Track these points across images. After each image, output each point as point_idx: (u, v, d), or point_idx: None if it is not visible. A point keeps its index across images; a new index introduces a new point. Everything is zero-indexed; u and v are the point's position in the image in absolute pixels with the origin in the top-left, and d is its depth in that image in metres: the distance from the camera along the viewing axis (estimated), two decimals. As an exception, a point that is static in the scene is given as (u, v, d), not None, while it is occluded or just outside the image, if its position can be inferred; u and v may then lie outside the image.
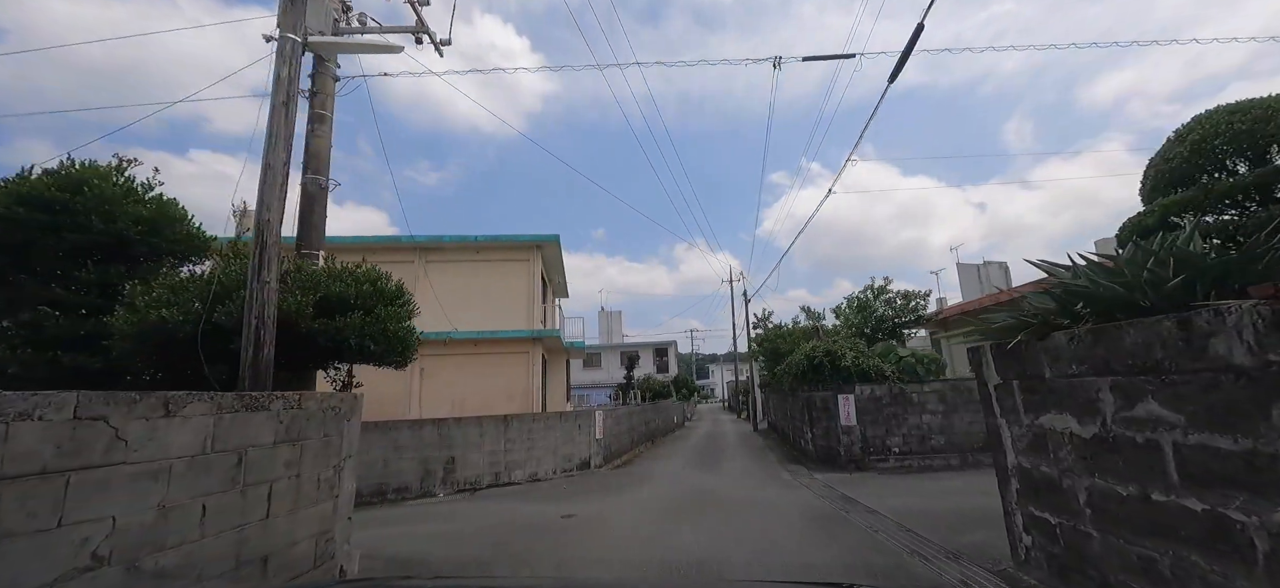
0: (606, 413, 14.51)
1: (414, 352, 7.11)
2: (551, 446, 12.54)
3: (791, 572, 5.51)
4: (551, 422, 12.69)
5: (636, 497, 9.80)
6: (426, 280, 18.49)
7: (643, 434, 19.00)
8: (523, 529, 7.81)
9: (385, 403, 17.62)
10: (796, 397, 14.94)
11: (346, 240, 18.25)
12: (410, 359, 7.09)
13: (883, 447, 12.03)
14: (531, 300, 18.51)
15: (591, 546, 6.65)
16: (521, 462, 12.06)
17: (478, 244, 18.57)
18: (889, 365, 12.17)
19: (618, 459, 14.89)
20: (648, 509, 8.61)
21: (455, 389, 17.79)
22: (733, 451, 17.33)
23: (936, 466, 11.85)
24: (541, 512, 8.91)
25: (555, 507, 9.16)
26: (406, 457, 11.13)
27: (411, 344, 6.92)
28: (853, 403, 12.11)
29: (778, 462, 14.24)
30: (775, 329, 18.08)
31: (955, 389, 12.26)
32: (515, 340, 17.97)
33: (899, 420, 12.11)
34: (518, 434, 12.10)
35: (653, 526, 7.46)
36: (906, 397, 12.14)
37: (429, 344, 18.62)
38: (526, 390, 17.88)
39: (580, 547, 6.62)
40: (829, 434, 12.48)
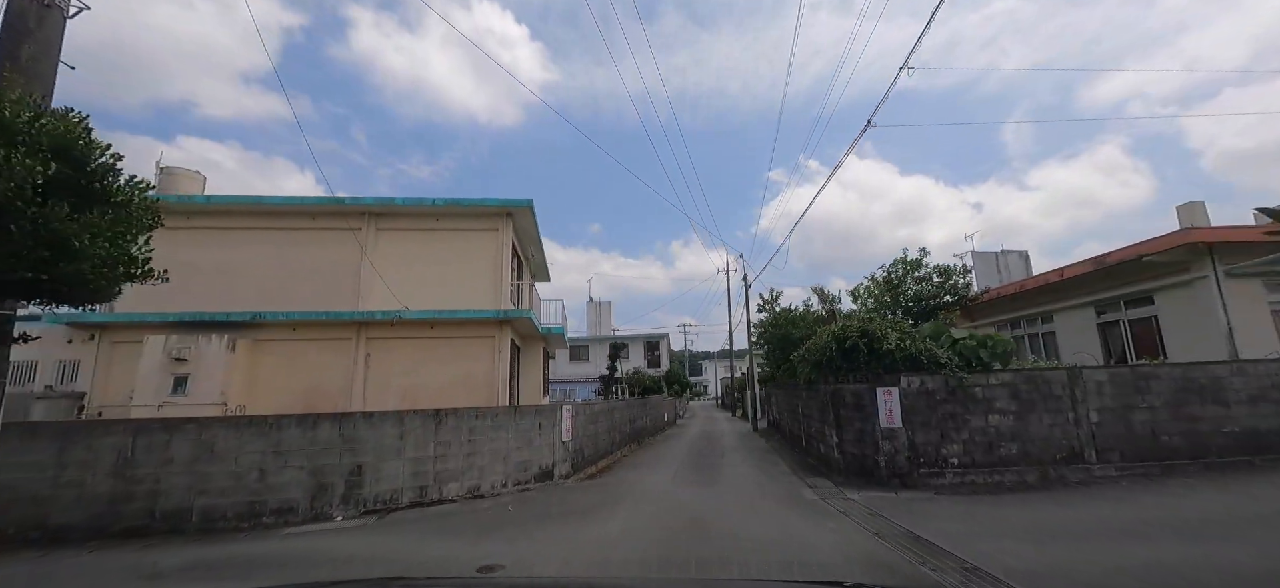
0: (578, 409, 11.23)
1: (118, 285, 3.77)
2: (501, 450, 9.25)
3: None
4: (501, 419, 9.40)
5: (603, 532, 6.52)
6: (376, 251, 15.21)
7: (627, 434, 15.73)
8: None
9: (318, 393, 14.31)
10: (814, 391, 11.71)
11: (269, 201, 14.93)
12: (112, 293, 3.73)
13: (936, 456, 8.81)
14: (500, 276, 15.23)
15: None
16: (458, 471, 8.76)
17: (437, 209, 15.27)
18: (943, 350, 8.97)
19: (592, 467, 11.61)
20: (611, 557, 5.35)
21: (407, 378, 14.51)
22: (733, 455, 14.08)
23: (1008, 483, 8.64)
24: (452, 555, 5.65)
25: (477, 547, 5.88)
26: (293, 465, 7.82)
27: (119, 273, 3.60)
28: (897, 399, 8.89)
29: (790, 471, 10.99)
30: (784, 313, 14.97)
31: (1031, 382, 9.04)
32: (479, 322, 14.69)
33: (958, 422, 8.89)
34: (454, 435, 8.80)
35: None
36: (968, 391, 8.92)
37: (376, 326, 15.26)
38: (491, 381, 14.61)
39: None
40: (863, 439, 9.25)
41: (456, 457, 8.75)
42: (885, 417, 8.92)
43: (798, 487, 9.36)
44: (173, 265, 14.50)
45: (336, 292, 14.80)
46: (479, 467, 8.94)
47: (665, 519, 7.19)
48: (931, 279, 12.43)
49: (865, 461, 9.21)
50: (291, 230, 15.06)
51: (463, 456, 8.81)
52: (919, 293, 12.05)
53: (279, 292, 14.69)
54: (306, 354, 14.47)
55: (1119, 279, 12.98)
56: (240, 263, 14.87)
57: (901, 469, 8.78)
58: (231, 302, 14.34)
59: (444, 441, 8.69)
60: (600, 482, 10.21)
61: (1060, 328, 14.99)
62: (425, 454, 8.52)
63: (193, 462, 7.57)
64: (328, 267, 14.89)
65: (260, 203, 14.81)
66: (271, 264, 14.93)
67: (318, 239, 15.02)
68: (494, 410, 9.40)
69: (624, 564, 5.11)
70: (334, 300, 14.67)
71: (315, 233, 15.08)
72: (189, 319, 13.81)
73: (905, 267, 12.85)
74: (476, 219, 15.59)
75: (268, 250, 14.99)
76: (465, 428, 8.92)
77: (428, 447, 8.55)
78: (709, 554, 5.40)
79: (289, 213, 14.97)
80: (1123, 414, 9.01)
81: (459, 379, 14.60)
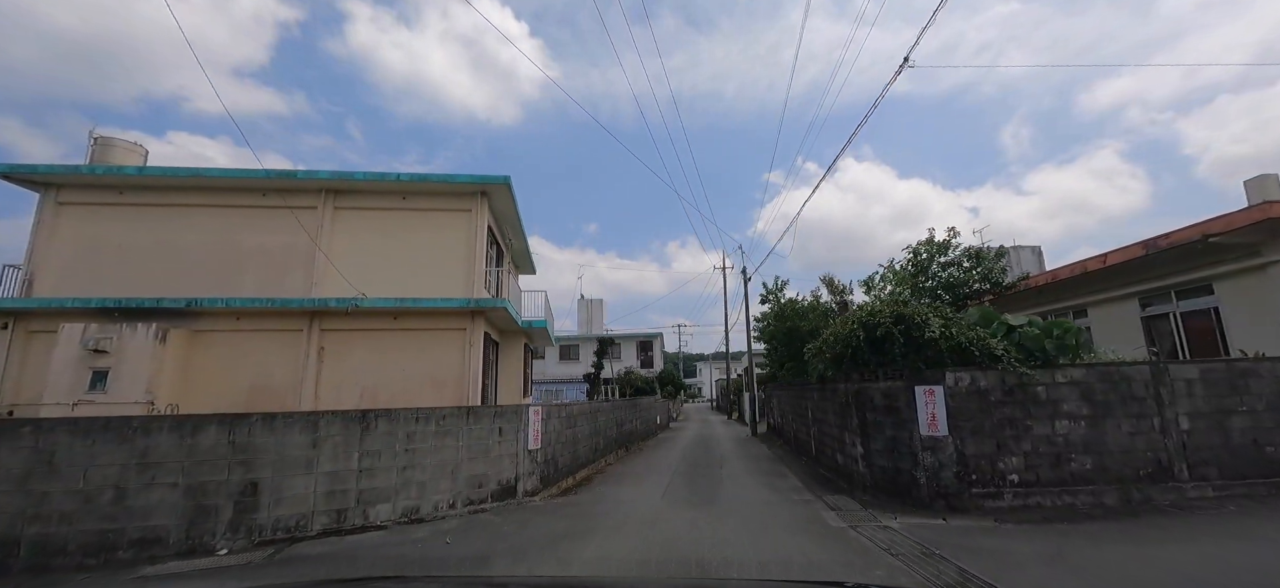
0: (551, 411, 9.22)
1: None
2: (448, 461, 7.23)
3: None
4: (450, 423, 7.36)
5: (563, 578, 4.53)
6: (335, 232, 13.21)
7: (613, 439, 13.73)
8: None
9: (263, 391, 12.25)
10: (829, 391, 9.77)
11: (212, 174, 12.90)
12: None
13: (992, 472, 6.85)
14: (473, 261, 13.25)
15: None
16: (391, 489, 6.75)
17: (403, 185, 13.27)
18: (998, 341, 7.06)
19: (567, 479, 9.60)
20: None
21: (367, 374, 12.48)
22: (733, 464, 12.10)
23: (1083, 507, 6.70)
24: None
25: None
26: (163, 482, 5.80)
27: None
28: (942, 400, 6.94)
29: (802, 486, 9.03)
30: (790, 304, 13.01)
31: (1106, 380, 7.10)
32: (448, 313, 12.70)
33: (1017, 430, 6.95)
34: (386, 443, 6.79)
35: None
36: (1029, 391, 6.98)
37: (332, 316, 13.13)
38: (461, 378, 12.60)
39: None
40: (896, 448, 7.29)
41: (388, 470, 6.74)
42: (926, 422, 6.97)
43: (815, 508, 7.38)
44: (102, 246, 12.16)
45: (288, 277, 12.79)
46: (418, 483, 6.93)
47: (651, 557, 5.21)
48: (960, 264, 10.54)
49: (899, 476, 7.25)
50: (238, 208, 13.04)
51: (397, 469, 6.80)
52: (949, 279, 10.15)
53: (223, 276, 12.68)
54: (251, 347, 12.42)
55: (1171, 266, 11.10)
56: (179, 244, 12.84)
57: (947, 488, 6.83)
58: (168, 287, 12.30)
59: (372, 450, 6.68)
60: (574, 500, 8.19)
61: (1096, 323, 13.10)
62: (346, 468, 6.50)
63: (26, 478, 5.54)
64: (278, 249, 12.87)
65: (201, 176, 12.78)
66: (215, 246, 12.91)
67: (267, 218, 12.98)
68: (440, 412, 7.38)
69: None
70: (285, 287, 12.66)
71: (265, 212, 13.03)
72: (115, 306, 11.75)
73: (932, 249, 10.93)
74: (448, 198, 13.60)
75: (211, 230, 12.96)
76: (402, 434, 6.90)
77: (350, 458, 6.54)
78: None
79: (235, 188, 12.95)
80: (1218, 420, 7.09)
81: (424, 375, 12.60)
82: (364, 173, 13.01)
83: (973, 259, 10.26)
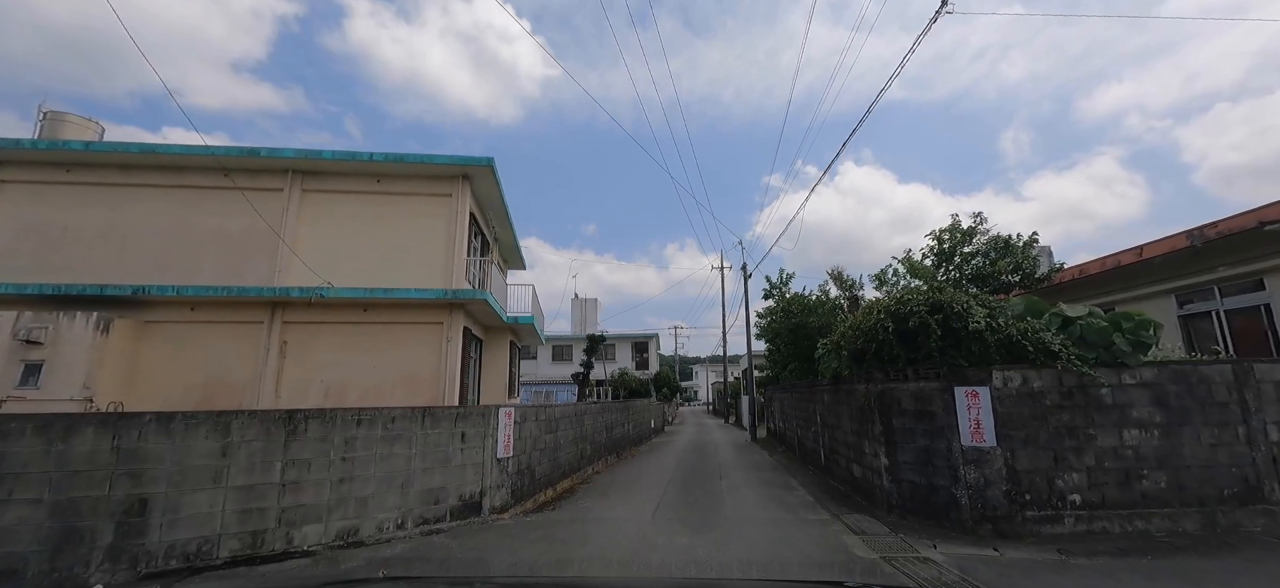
0: (527, 413, 7.92)
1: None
2: (397, 472, 5.93)
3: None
4: (400, 427, 6.06)
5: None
6: (302, 217, 11.93)
7: (601, 445, 12.42)
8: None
9: (219, 387, 10.93)
10: (844, 392, 8.51)
11: (168, 151, 11.59)
12: None
13: (1049, 492, 5.59)
14: (453, 250, 11.98)
15: None
16: (323, 506, 5.45)
17: (377, 165, 12.00)
18: (1052, 333, 5.82)
19: (545, 491, 8.29)
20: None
21: (333, 370, 11.19)
22: (733, 474, 10.81)
23: (1159, 533, 5.45)
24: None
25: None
26: (24, 497, 4.50)
27: None
28: (988, 403, 5.69)
29: (814, 502, 7.75)
30: (798, 299, 11.75)
31: (1180, 380, 5.85)
32: (424, 305, 11.43)
33: (1078, 440, 5.70)
34: (318, 450, 5.49)
35: None
36: (1092, 394, 5.74)
37: (296, 306, 11.80)
38: (437, 376, 11.32)
39: None
40: (930, 461, 6.03)
41: (320, 484, 5.44)
42: (969, 429, 5.71)
43: (833, 531, 6.10)
44: (46, 228, 10.66)
45: (250, 265, 11.49)
46: (359, 498, 5.63)
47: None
48: (987, 254, 9.29)
49: (934, 493, 5.98)
50: (197, 188, 11.74)
51: (332, 482, 5.50)
52: (977, 270, 8.89)
53: (179, 263, 11.38)
54: (206, 340, 11.11)
55: (1218, 258, 9.88)
56: (132, 227, 11.53)
57: (995, 510, 5.57)
58: (118, 273, 11.00)
59: (299, 458, 5.38)
60: (550, 519, 6.88)
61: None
62: (266, 480, 5.20)
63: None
64: (240, 234, 11.56)
65: (155, 153, 11.46)
66: (170, 229, 11.61)
67: (229, 201, 11.64)
68: (389, 414, 6.07)
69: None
70: (247, 275, 11.36)
71: (226, 193, 11.72)
72: (54, 293, 10.45)
73: (956, 237, 9.66)
74: (426, 181, 12.33)
75: (166, 213, 11.67)
76: (338, 439, 5.60)
77: (270, 469, 5.24)
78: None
79: (193, 166, 11.65)
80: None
81: (398, 372, 11.32)
82: (334, 151, 11.72)
83: (1000, 248, 9.04)
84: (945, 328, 5.80)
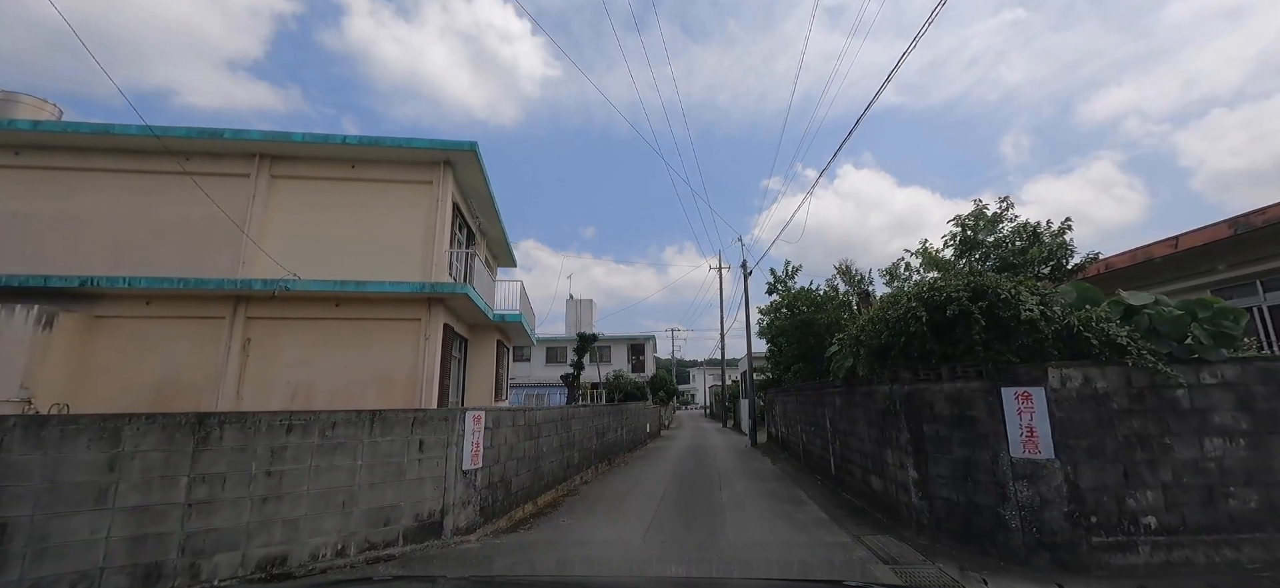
0: (501, 418, 6.85)
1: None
2: (339, 488, 4.88)
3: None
4: (344, 433, 5.01)
5: None
6: (270, 206, 10.92)
7: (591, 452, 11.35)
8: None
9: (175, 388, 9.87)
10: (860, 394, 7.49)
11: (124, 131, 10.55)
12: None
13: (1118, 513, 4.57)
14: (433, 241, 10.99)
15: None
16: (242, 530, 4.40)
17: (351, 149, 10.99)
18: (1114, 323, 4.83)
19: (523, 506, 7.23)
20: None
21: (301, 370, 10.15)
22: (735, 485, 9.76)
23: (1253, 564, 4.43)
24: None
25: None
26: None
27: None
28: (1044, 407, 4.68)
29: (829, 520, 6.71)
30: (805, 293, 10.70)
31: (1269, 379, 4.85)
32: (400, 300, 10.41)
33: (1152, 451, 4.69)
34: (234, 462, 4.44)
35: None
36: (1166, 396, 4.74)
37: (261, 301, 10.79)
38: (414, 376, 10.30)
39: None
40: (971, 475, 5.02)
41: (238, 503, 4.40)
42: (1020, 438, 4.70)
43: (856, 556, 5.07)
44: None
45: (213, 256, 10.46)
46: (288, 521, 4.58)
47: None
48: (1012, 243, 8.26)
49: (977, 514, 4.96)
50: (157, 174, 10.72)
51: (254, 502, 4.46)
52: (1005, 261, 7.86)
53: (137, 254, 10.36)
54: (163, 337, 10.07)
55: (1261, 249, 8.94)
56: (87, 215, 10.51)
57: (1055, 535, 4.55)
58: (71, 264, 9.98)
59: (212, 473, 4.34)
60: (524, 541, 5.82)
61: (1153, 321, 10.89)
62: (166, 500, 4.16)
63: None
64: (202, 224, 10.52)
65: (110, 134, 10.42)
66: (129, 218, 10.59)
67: (193, 187, 10.63)
68: (328, 418, 5.02)
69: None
70: (210, 267, 10.33)
71: (189, 179, 10.73)
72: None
73: (980, 223, 8.61)
74: (405, 168, 11.34)
75: (124, 200, 10.65)
76: (262, 449, 4.56)
77: (172, 486, 4.20)
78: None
79: (151, 150, 10.62)
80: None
81: (372, 371, 10.30)
82: (305, 134, 10.71)
83: (1029, 236, 8.05)
84: (990, 317, 4.80)
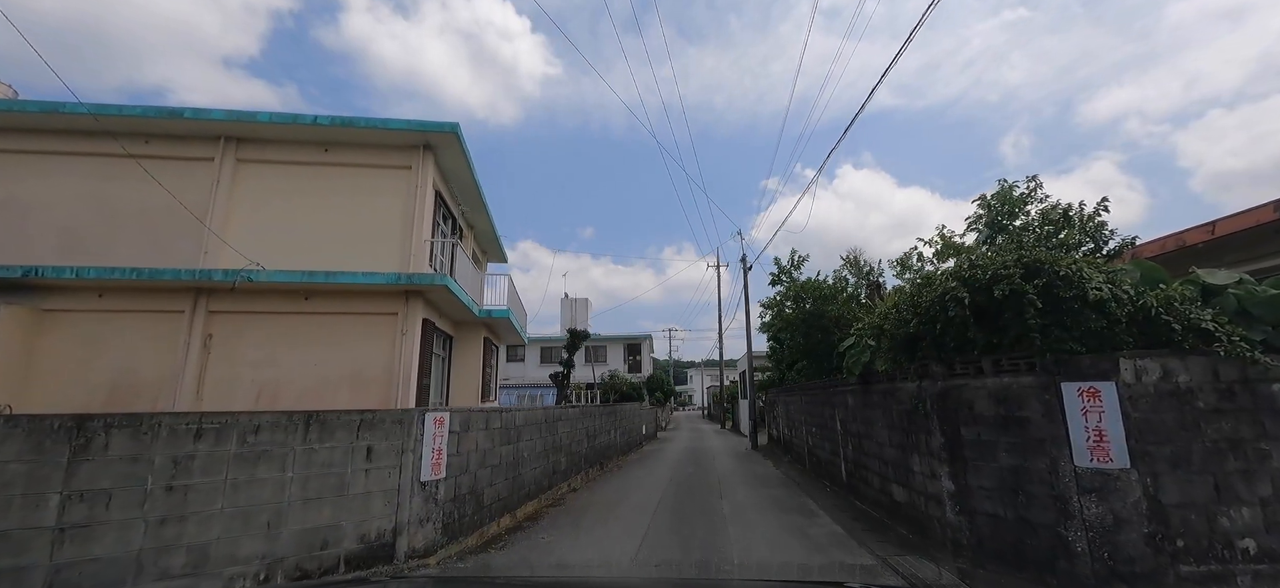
0: (472, 420, 5.93)
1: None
2: (262, 505, 3.99)
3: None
4: (269, 439, 4.11)
5: None
6: (237, 192, 10.03)
7: (581, 456, 10.45)
8: None
9: (130, 387, 8.94)
10: (877, 394, 6.62)
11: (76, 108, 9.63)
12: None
13: (1211, 537, 3.71)
14: (412, 230, 10.11)
15: None
16: (132, 560, 3.50)
17: (323, 131, 10.08)
18: (1194, 305, 3.99)
19: (499, 520, 6.31)
20: None
21: (268, 368, 9.24)
22: (736, 493, 8.88)
23: (1379, 599, 3.57)
24: None
25: None
26: None
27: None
28: (1116, 405, 3.83)
29: (845, 535, 5.82)
30: (812, 283, 9.77)
31: (1383, 375, 4.02)
32: (375, 293, 9.52)
33: (1247, 459, 3.83)
34: (123, 475, 3.54)
35: None
36: (1261, 393, 3.89)
37: (224, 293, 9.87)
38: (390, 375, 9.42)
39: None
40: (1023, 488, 4.14)
41: (128, 526, 3.50)
42: (1086, 443, 3.84)
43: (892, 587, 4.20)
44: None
45: (177, 246, 9.56)
46: (195, 546, 3.68)
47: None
48: (1040, 227, 7.28)
49: (1031, 534, 4.09)
50: (113, 157, 9.80)
51: (150, 524, 3.56)
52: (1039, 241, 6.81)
53: (92, 243, 9.48)
54: (117, 332, 9.17)
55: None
56: (34, 200, 9.61)
57: (1133, 563, 3.67)
58: (17, 254, 9.09)
59: (93, 489, 3.44)
60: (494, 562, 4.92)
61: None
62: (30, 524, 3.26)
63: None
64: (163, 210, 9.61)
65: (62, 111, 9.48)
66: (81, 204, 9.70)
67: (152, 171, 9.74)
68: (249, 422, 4.10)
69: None
70: (171, 257, 9.43)
71: (149, 163, 9.82)
72: (-73, 275, 8.50)
73: (1008, 204, 7.67)
74: (381, 152, 10.45)
75: (76, 185, 9.75)
76: (160, 459, 3.66)
77: (39, 505, 3.30)
78: None
79: (107, 131, 9.72)
80: None
81: (346, 372, 9.40)
82: (272, 114, 9.82)
83: (1059, 218, 7.17)
84: (1048, 299, 3.94)
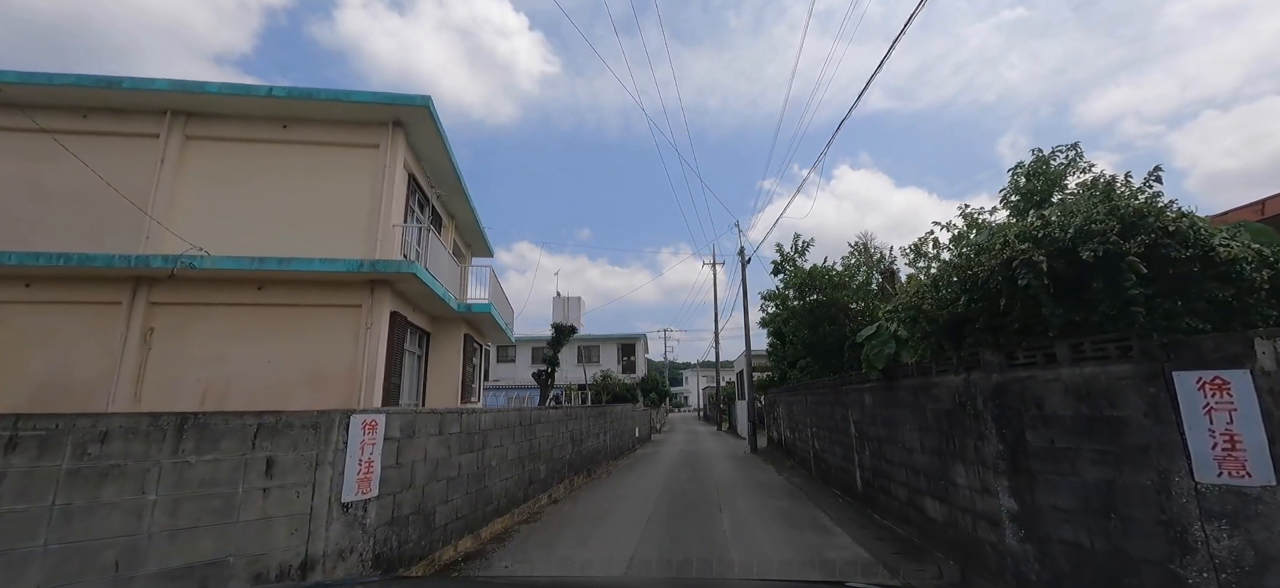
0: (419, 423, 4.87)
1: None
2: (106, 536, 2.95)
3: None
4: (120, 449, 3.06)
5: None
6: (184, 172, 8.97)
7: (564, 462, 9.38)
8: None
9: (60, 387, 7.79)
10: (905, 391, 5.61)
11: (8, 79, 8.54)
12: None
13: (1388, 577, 2.74)
14: (379, 213, 9.06)
15: None
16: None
17: (281, 104, 9.02)
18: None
19: (454, 544, 5.24)
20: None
21: (216, 366, 8.16)
22: (737, 503, 7.84)
23: None
24: None
25: None
26: None
27: None
28: (1251, 399, 2.84)
29: (874, 561, 4.80)
30: (821, 270, 8.66)
31: None
32: (338, 283, 8.48)
33: None
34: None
35: None
36: None
37: (165, 284, 8.51)
38: (353, 373, 8.35)
39: None
40: (1116, 510, 3.15)
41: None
42: (1213, 453, 2.84)
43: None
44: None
45: (114, 231, 8.48)
46: (40, 576, 2.63)
47: None
48: (1073, 208, 6.27)
49: (1129, 574, 3.08)
50: (48, 134, 8.71)
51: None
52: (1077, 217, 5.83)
53: (20, 228, 8.39)
54: (46, 326, 8.08)
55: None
56: (-42, 182, 8.55)
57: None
58: (-65, 241, 8.00)
59: None
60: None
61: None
62: None
63: None
64: (99, 193, 8.52)
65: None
66: (11, 185, 8.64)
67: (92, 150, 8.63)
68: (95, 428, 3.04)
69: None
70: (111, 244, 8.35)
71: (88, 140, 8.75)
72: None
73: (1044, 178, 6.62)
74: (346, 128, 9.38)
75: (6, 165, 8.70)
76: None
77: None
78: None
79: (38, 104, 8.64)
80: None
81: (305, 369, 8.33)
82: (223, 85, 8.76)
83: (1102, 193, 6.16)
84: (1155, 259, 2.94)
